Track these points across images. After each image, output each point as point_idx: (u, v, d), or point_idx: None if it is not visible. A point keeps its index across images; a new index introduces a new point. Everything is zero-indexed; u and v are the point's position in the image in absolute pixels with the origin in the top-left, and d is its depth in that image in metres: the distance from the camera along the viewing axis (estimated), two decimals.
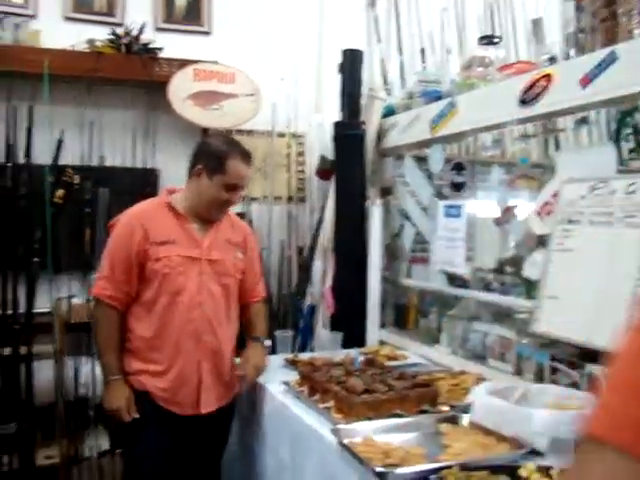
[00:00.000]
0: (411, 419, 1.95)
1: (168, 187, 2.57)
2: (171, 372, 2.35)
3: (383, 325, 3.26)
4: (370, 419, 1.93)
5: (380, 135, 3.38)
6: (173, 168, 3.81)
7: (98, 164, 3.54)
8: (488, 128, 2.71)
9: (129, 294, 2.37)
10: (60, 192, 3.39)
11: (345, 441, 1.74)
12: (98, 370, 2.87)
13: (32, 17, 3.56)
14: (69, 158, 3.47)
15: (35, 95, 3.32)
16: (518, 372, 2.32)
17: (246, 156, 2.43)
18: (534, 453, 1.66)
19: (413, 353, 2.90)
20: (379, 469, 1.55)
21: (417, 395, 2.05)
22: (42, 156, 3.39)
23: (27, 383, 3.30)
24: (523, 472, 1.50)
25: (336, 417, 1.99)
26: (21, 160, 3.34)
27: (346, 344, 2.92)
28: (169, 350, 2.35)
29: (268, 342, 2.76)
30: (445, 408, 2.06)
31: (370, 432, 1.82)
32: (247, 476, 2.56)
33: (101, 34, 3.56)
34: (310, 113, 3.91)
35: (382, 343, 3.15)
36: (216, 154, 2.39)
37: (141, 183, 3.57)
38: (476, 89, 2.67)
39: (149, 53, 3.59)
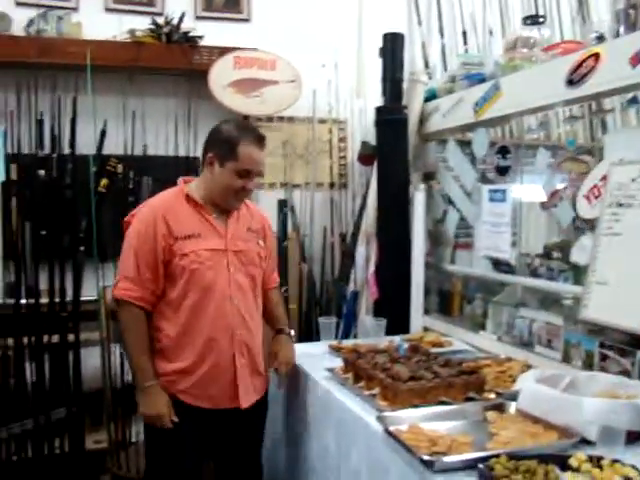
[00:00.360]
0: (457, 407, 1.92)
1: (184, 177, 2.42)
2: (201, 368, 2.25)
3: (427, 311, 3.24)
4: (416, 406, 1.92)
5: (422, 119, 3.34)
6: None
7: (141, 153, 3.58)
8: (533, 110, 2.66)
9: (156, 293, 2.25)
10: (104, 181, 3.43)
11: (391, 428, 1.73)
12: None
13: (74, 10, 3.61)
14: (112, 147, 3.51)
15: (78, 86, 3.36)
16: (566, 359, 2.28)
17: (259, 140, 2.29)
18: (584, 442, 1.62)
19: (458, 340, 2.88)
20: (426, 457, 1.53)
21: (463, 382, 2.03)
22: (86, 146, 3.43)
23: (75, 370, 3.38)
24: (573, 462, 1.47)
25: (381, 404, 1.98)
26: (66, 150, 3.39)
27: (390, 331, 2.90)
28: (198, 346, 2.25)
29: (292, 332, 2.69)
30: (491, 396, 2.03)
31: (416, 420, 1.80)
32: (292, 462, 2.58)
33: (142, 24, 3.60)
34: (351, 98, 3.88)
35: (426, 330, 3.13)
36: (227, 140, 2.25)
37: (183, 171, 3.59)
38: (520, 70, 2.61)
39: (189, 42, 3.61)
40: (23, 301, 3.29)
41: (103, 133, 3.47)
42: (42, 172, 3.34)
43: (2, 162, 3.06)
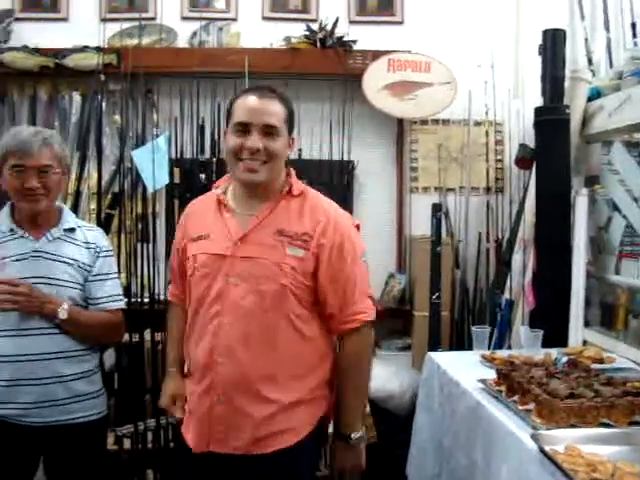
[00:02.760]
0: (621, 430, 1.78)
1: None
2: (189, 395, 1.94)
3: (587, 324, 3.06)
4: (574, 426, 1.80)
5: (585, 120, 3.19)
6: (368, 159, 3.87)
7: (296, 157, 3.65)
8: None
9: (185, 292, 1.99)
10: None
11: (546, 448, 1.64)
12: None
13: (233, 20, 3.79)
14: None
15: (237, 92, 3.47)
16: None
17: (258, 89, 1.87)
18: None
19: (621, 356, 2.69)
20: None
21: (628, 404, 1.88)
22: None
23: None
24: None
25: (536, 421, 1.88)
26: (224, 155, 3.52)
27: (546, 343, 2.76)
28: (193, 368, 1.93)
29: (363, 435, 1.97)
30: None
31: (574, 441, 1.69)
32: (438, 472, 2.51)
33: (297, 31, 3.69)
34: (508, 99, 3.74)
35: (585, 343, 2.96)
36: (229, 105, 1.92)
37: (338, 174, 3.64)
38: None
39: (343, 46, 3.66)
40: None
41: None
42: (202, 176, 3.49)
43: (167, 166, 3.22)
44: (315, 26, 3.70)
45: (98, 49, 3.49)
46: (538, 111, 3.25)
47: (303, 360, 1.87)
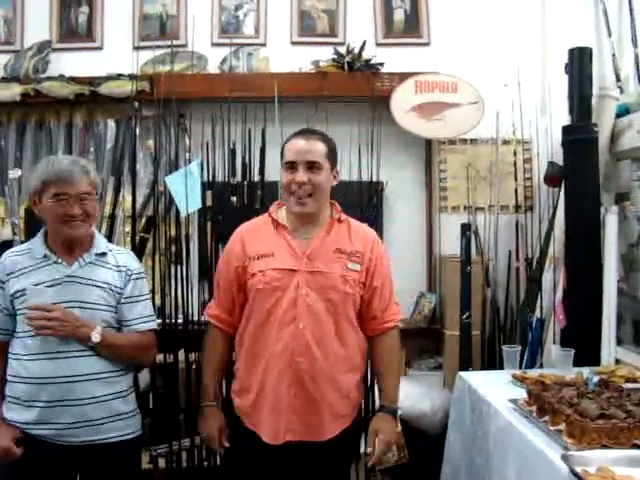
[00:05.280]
0: None
1: (280, 201, 2.35)
2: (256, 393, 2.16)
3: (619, 343, 3.03)
4: (606, 447, 1.80)
5: (614, 137, 3.18)
6: (398, 179, 3.90)
7: None
8: None
9: (233, 313, 2.26)
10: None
11: (578, 469, 1.64)
12: None
13: (262, 45, 3.88)
14: None
15: (267, 117, 3.54)
16: None
17: (301, 132, 2.23)
18: None
19: None
20: None
21: None
22: (274, 173, 3.58)
23: None
24: None
25: (567, 442, 1.87)
26: (256, 178, 3.57)
27: (578, 362, 2.74)
28: (259, 372, 2.15)
29: (399, 411, 2.35)
30: None
31: (606, 462, 1.69)
32: None
33: (325, 54, 3.76)
34: (536, 118, 3.75)
35: (618, 362, 2.94)
36: (282, 148, 2.27)
37: (367, 195, 3.67)
38: None
39: (371, 69, 3.72)
40: None
41: None
42: (234, 198, 3.54)
43: (199, 191, 3.28)
44: (343, 49, 3.76)
45: (131, 76, 3.59)
46: (566, 130, 3.25)
47: (355, 357, 2.23)
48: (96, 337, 2.09)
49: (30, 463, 2.09)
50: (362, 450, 2.38)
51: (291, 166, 2.16)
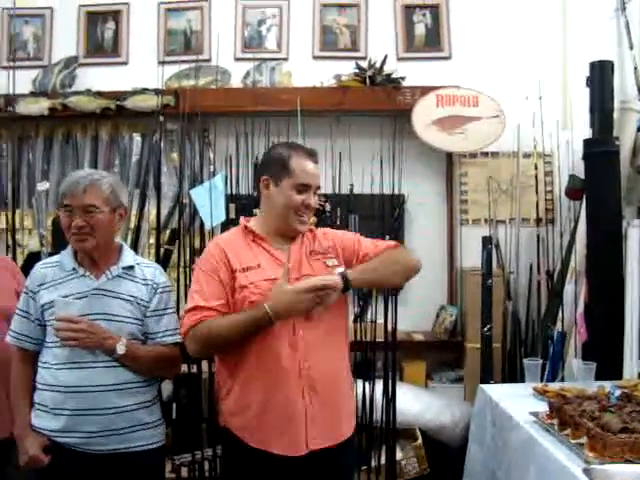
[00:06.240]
0: None
1: (246, 217, 2.31)
2: (258, 409, 2.09)
3: None
4: (628, 462, 1.79)
5: (636, 150, 3.18)
6: (419, 193, 3.93)
7: (347, 192, 3.71)
8: None
9: (228, 301, 2.13)
10: (313, 219, 3.59)
11: None
12: None
13: (285, 60, 3.94)
14: (322, 187, 3.67)
15: (289, 130, 3.58)
16: None
17: (310, 154, 2.22)
18: None
19: None
20: None
21: None
22: None
23: None
24: None
25: (589, 456, 1.87)
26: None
27: (600, 375, 2.74)
28: (260, 386, 2.09)
29: (341, 269, 2.17)
30: None
31: (628, 476, 1.69)
32: None
33: (346, 69, 3.80)
34: (557, 131, 3.76)
35: None
36: (279, 158, 2.18)
37: (389, 208, 3.69)
38: None
39: (392, 83, 3.75)
40: None
41: None
42: (256, 211, 3.56)
43: (223, 204, 3.31)
44: (364, 64, 3.80)
45: (157, 91, 3.67)
46: (587, 143, 3.26)
47: (346, 354, 2.28)
48: (121, 349, 2.12)
49: (56, 471, 2.12)
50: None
51: (304, 188, 2.16)
